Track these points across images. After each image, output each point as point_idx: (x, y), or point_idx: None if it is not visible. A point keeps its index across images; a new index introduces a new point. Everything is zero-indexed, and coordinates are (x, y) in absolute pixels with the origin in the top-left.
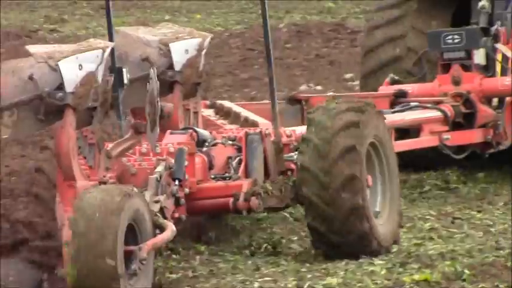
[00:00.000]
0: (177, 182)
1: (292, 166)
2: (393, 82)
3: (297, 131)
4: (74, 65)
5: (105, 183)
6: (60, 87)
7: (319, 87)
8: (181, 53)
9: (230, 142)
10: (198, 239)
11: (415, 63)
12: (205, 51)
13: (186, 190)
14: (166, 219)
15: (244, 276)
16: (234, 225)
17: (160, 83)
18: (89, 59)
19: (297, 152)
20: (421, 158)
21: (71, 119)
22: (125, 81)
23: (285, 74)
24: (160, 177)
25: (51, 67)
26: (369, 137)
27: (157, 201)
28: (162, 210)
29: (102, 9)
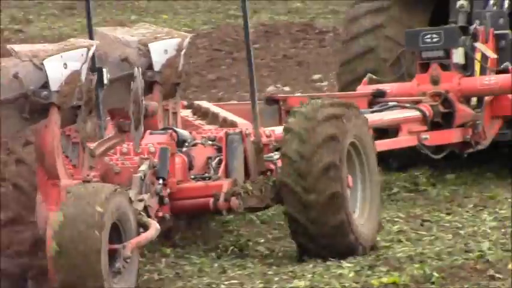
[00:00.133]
0: (161, 180)
1: (272, 166)
2: (371, 81)
3: (276, 131)
4: (58, 64)
5: (89, 182)
6: (45, 86)
7: (287, 88)
8: (161, 53)
9: (210, 142)
10: (164, 242)
11: (393, 62)
12: (184, 52)
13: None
14: (150, 217)
15: (210, 279)
16: (201, 228)
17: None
18: (74, 58)
19: (276, 152)
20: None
21: (55, 118)
22: (105, 81)
23: None
24: (144, 176)
25: (36, 66)
26: (350, 133)
27: (141, 200)
28: (146, 208)
29: (68, 10)
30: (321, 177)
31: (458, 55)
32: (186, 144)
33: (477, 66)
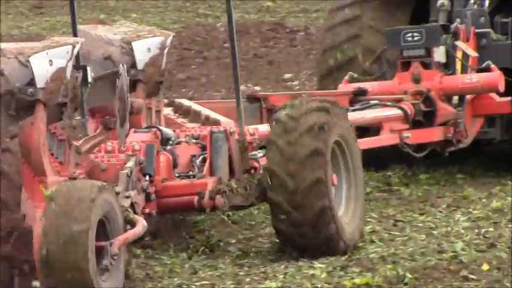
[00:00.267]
0: (147, 177)
1: (256, 165)
2: (352, 80)
3: (260, 129)
4: (44, 61)
5: (75, 179)
6: (31, 83)
7: (257, 88)
8: (144, 51)
9: (194, 141)
10: (134, 242)
11: (374, 61)
12: (167, 50)
13: None
14: (137, 214)
15: (181, 280)
16: (171, 228)
17: None
18: (59, 55)
19: (260, 150)
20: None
21: (41, 115)
22: (89, 79)
23: (223, 74)
24: (130, 173)
25: (21, 63)
26: (335, 128)
27: (128, 197)
28: (132, 205)
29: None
30: (306, 164)
31: (439, 54)
32: (170, 142)
33: (458, 65)
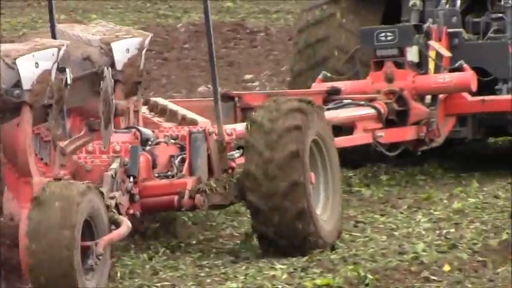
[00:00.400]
0: (131, 178)
1: (233, 164)
2: (326, 79)
3: (237, 128)
4: (30, 63)
5: (60, 179)
6: (17, 85)
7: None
8: (123, 52)
9: (172, 141)
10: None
11: (347, 61)
12: (145, 50)
13: None
14: (121, 215)
15: (142, 281)
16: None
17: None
18: (45, 57)
19: (237, 150)
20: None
21: (27, 116)
22: (69, 81)
23: (183, 74)
24: (115, 174)
25: (8, 65)
26: (313, 128)
27: (112, 198)
28: (117, 206)
29: None
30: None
31: (412, 53)
32: (150, 143)
33: (431, 65)
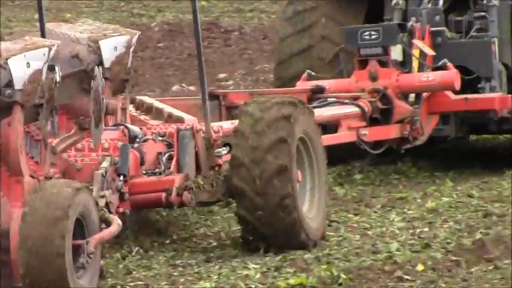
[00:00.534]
0: (121, 177)
1: (220, 161)
2: (310, 78)
3: (224, 126)
4: (22, 63)
5: (51, 178)
6: (8, 85)
7: (192, 88)
8: (111, 50)
9: (160, 138)
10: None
11: (331, 60)
12: (133, 48)
13: None
14: (111, 213)
15: (115, 280)
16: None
17: (91, 79)
18: (36, 57)
19: (224, 147)
20: None
21: (19, 116)
22: (58, 78)
23: (157, 74)
24: (105, 173)
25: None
26: (299, 130)
27: (103, 196)
28: (107, 205)
29: None
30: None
31: (396, 52)
32: (137, 140)
33: (415, 63)
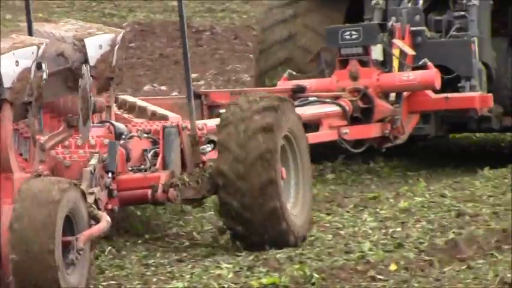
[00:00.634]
0: (110, 174)
1: (204, 158)
2: (291, 77)
3: (208, 124)
4: (11, 61)
5: (40, 175)
6: None
7: (163, 88)
8: (96, 48)
9: (145, 135)
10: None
11: (312, 59)
12: (118, 47)
13: None
14: (100, 210)
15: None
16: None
17: (76, 77)
18: (25, 55)
19: (208, 144)
20: None
21: (8, 114)
22: (45, 76)
23: (128, 74)
24: (94, 170)
25: None
26: (282, 134)
27: (91, 193)
28: (96, 202)
29: None
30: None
31: (376, 52)
32: (123, 137)
33: (395, 63)
